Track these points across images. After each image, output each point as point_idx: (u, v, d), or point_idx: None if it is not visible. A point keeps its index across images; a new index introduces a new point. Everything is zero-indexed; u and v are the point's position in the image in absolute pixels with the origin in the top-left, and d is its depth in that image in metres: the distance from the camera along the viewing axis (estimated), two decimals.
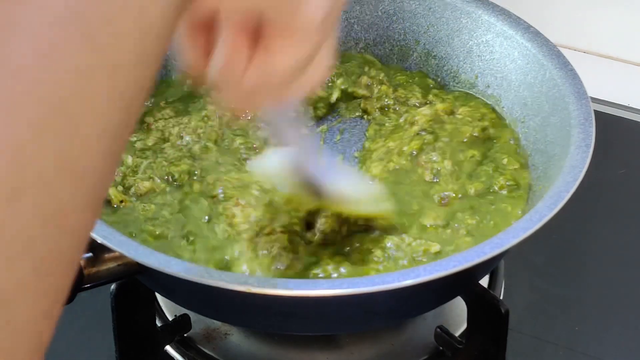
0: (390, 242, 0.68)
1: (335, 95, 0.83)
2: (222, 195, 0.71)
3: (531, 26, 0.80)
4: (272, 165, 0.67)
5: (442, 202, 0.72)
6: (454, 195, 0.73)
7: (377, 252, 0.67)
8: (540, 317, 0.80)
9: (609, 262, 0.85)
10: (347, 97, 0.84)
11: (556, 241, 0.85)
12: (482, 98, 0.82)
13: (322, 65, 0.51)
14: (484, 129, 0.78)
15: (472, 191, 0.73)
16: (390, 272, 0.59)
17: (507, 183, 0.73)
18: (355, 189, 0.68)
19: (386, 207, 0.69)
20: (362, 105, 0.83)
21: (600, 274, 0.84)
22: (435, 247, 0.68)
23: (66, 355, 0.77)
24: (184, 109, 0.80)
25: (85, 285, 0.61)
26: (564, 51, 0.77)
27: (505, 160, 0.75)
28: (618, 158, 0.95)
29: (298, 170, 0.65)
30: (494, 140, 0.78)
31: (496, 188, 0.73)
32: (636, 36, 1.09)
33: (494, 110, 0.81)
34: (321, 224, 0.69)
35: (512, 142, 0.78)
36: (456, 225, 0.70)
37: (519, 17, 0.81)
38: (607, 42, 1.10)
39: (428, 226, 0.70)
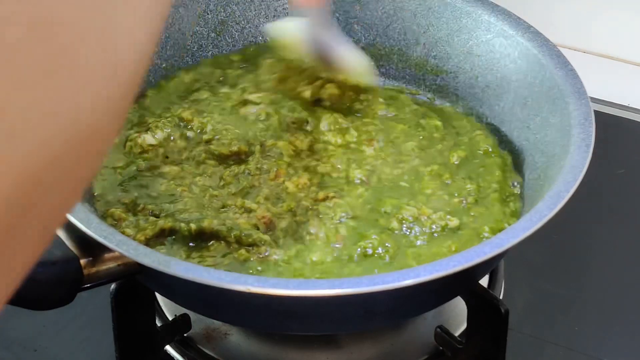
0: (408, 213, 0.71)
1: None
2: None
3: (531, 26, 0.80)
4: (289, 31, 0.78)
5: (431, 173, 0.75)
6: (437, 166, 0.76)
7: (395, 224, 0.70)
8: (540, 317, 0.80)
9: (608, 262, 0.85)
10: None
11: (556, 241, 0.85)
12: (483, 98, 0.83)
13: None
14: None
15: (454, 158, 0.76)
16: (390, 272, 0.59)
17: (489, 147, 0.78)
18: (355, 61, 0.78)
19: (372, 80, 0.80)
20: None
21: (600, 274, 0.84)
22: (454, 222, 0.70)
23: (66, 355, 0.77)
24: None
25: (85, 285, 0.61)
26: (564, 51, 0.77)
27: (478, 137, 0.79)
28: (618, 158, 0.95)
29: (311, 39, 0.76)
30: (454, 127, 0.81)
31: (481, 152, 0.77)
32: (636, 36, 1.09)
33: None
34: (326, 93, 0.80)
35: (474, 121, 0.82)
36: (455, 194, 0.73)
37: (519, 17, 0.81)
38: (607, 42, 1.10)
39: (430, 193, 0.73)
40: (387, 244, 0.68)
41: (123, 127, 0.75)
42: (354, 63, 0.78)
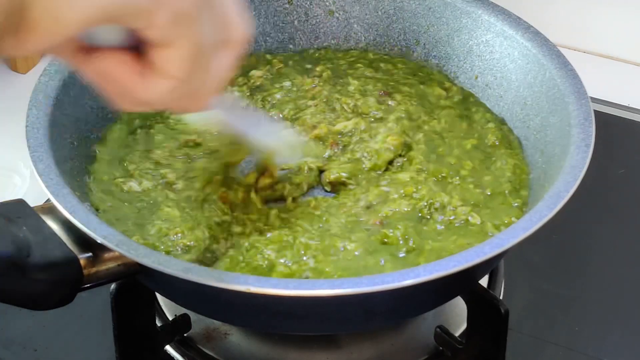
0: (438, 199, 0.71)
1: None
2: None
3: (531, 26, 0.80)
4: (204, 118, 0.72)
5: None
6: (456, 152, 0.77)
7: (422, 209, 0.71)
8: (540, 317, 0.80)
9: (608, 262, 0.85)
10: None
11: (556, 241, 0.85)
12: (482, 99, 0.83)
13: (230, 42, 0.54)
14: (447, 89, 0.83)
15: (468, 146, 0.77)
16: (391, 272, 0.59)
17: (499, 136, 0.78)
18: (277, 140, 0.75)
19: (295, 158, 0.75)
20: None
21: (600, 274, 0.84)
22: (477, 220, 0.70)
23: (66, 355, 0.77)
24: None
25: (85, 285, 0.61)
26: (564, 51, 0.77)
27: (491, 124, 0.80)
28: (618, 158, 0.95)
29: (227, 125, 0.72)
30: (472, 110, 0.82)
31: (489, 144, 0.77)
32: (636, 36, 1.09)
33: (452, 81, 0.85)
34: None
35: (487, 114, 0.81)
36: (477, 183, 0.73)
37: (519, 17, 0.81)
38: (607, 42, 1.10)
39: (457, 183, 0.74)
40: (406, 237, 0.69)
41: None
42: (273, 144, 0.74)
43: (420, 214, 0.71)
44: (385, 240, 0.68)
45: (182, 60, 0.50)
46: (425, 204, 0.71)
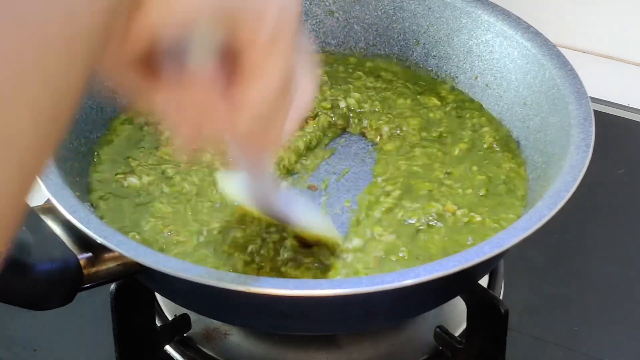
0: (433, 209, 0.70)
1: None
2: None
3: (531, 26, 0.80)
4: (237, 186, 0.67)
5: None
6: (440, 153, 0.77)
7: (416, 221, 0.70)
8: (540, 317, 0.80)
9: (608, 262, 0.85)
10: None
11: (556, 241, 0.85)
12: (481, 99, 0.83)
13: (305, 89, 0.51)
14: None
15: (456, 151, 0.77)
16: (391, 272, 0.59)
17: (497, 138, 0.78)
18: (310, 220, 0.68)
19: (334, 236, 0.68)
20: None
21: (600, 274, 0.84)
22: (478, 218, 0.70)
23: (66, 355, 0.77)
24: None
25: (85, 285, 0.61)
26: (564, 51, 0.77)
27: (486, 128, 0.79)
28: (618, 158, 0.95)
29: (258, 197, 0.64)
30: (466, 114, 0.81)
31: (485, 146, 0.77)
32: (636, 36, 1.09)
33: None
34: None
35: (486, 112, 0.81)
36: (467, 184, 0.73)
37: (518, 17, 0.81)
38: (607, 42, 1.10)
39: (444, 179, 0.74)
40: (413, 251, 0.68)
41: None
42: (311, 222, 0.68)
43: (417, 230, 0.70)
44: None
45: (273, 83, 0.47)
46: (424, 221, 0.70)
